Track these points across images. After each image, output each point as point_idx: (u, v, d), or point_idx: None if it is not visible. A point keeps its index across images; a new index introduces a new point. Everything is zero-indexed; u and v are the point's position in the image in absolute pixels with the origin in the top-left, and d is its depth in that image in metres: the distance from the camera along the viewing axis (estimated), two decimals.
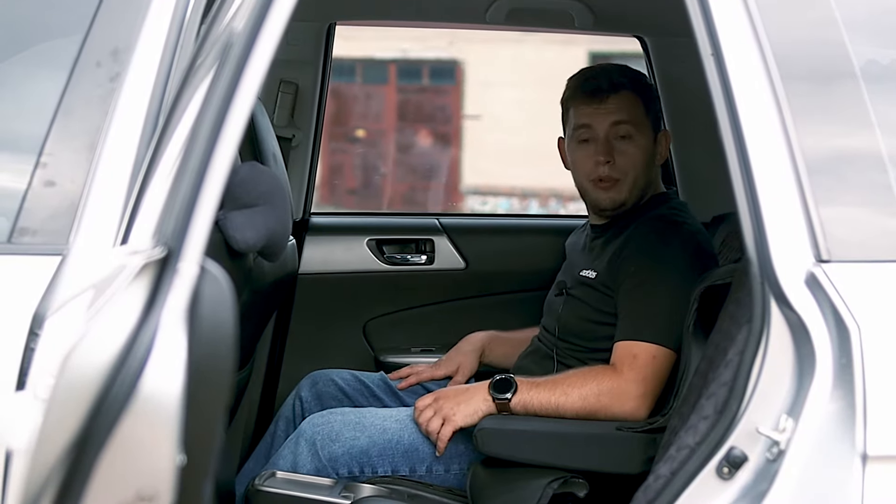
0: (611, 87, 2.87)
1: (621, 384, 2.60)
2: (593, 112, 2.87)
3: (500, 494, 2.50)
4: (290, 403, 3.01)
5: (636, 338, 2.66)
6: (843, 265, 1.88)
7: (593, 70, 2.97)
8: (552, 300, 3.01)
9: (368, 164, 14.51)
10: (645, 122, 2.88)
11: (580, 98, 2.90)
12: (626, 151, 2.85)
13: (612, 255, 2.82)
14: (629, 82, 2.89)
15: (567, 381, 2.63)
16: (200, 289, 1.53)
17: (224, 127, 1.62)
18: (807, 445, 1.79)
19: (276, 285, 3.04)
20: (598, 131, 2.86)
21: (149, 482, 1.48)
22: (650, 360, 2.63)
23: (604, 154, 2.85)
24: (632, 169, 2.86)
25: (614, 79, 2.88)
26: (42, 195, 1.98)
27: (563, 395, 2.60)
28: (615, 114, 2.85)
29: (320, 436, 2.67)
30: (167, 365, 1.48)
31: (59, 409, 1.49)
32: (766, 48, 1.95)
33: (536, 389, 2.61)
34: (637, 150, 2.86)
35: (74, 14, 2.11)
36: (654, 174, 2.94)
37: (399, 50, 14.01)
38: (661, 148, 2.93)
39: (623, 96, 2.86)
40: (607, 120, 2.85)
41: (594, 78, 2.90)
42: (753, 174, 1.88)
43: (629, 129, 2.85)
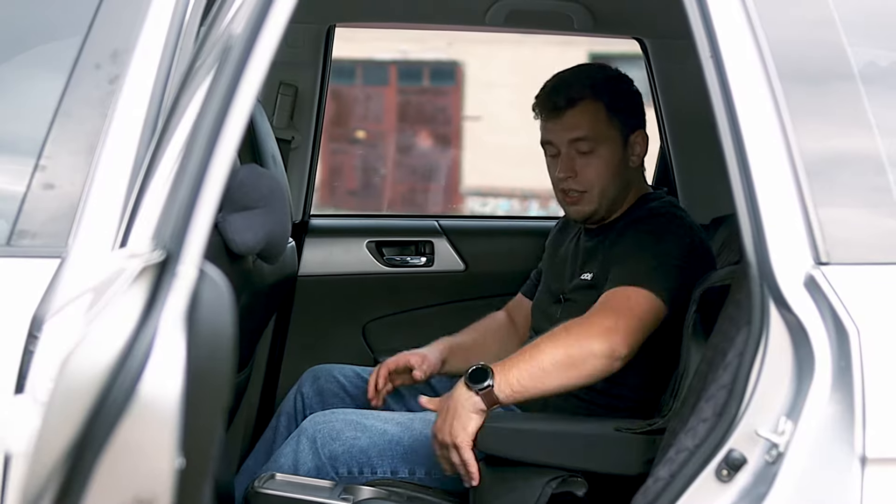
0: (567, 103, 2.82)
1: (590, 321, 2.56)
2: (553, 128, 2.85)
3: (499, 494, 2.49)
4: (292, 399, 3.00)
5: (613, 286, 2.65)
6: (841, 267, 1.87)
7: (553, 83, 2.91)
8: (547, 308, 2.98)
9: (368, 165, 14.51)
10: (608, 132, 2.83)
11: (542, 113, 2.89)
12: (589, 165, 2.83)
13: (607, 255, 2.82)
14: (590, 91, 2.84)
15: (540, 341, 2.57)
16: (199, 292, 1.53)
17: (223, 129, 1.62)
18: (806, 448, 1.78)
19: (275, 287, 3.05)
20: (559, 147, 2.85)
21: (148, 485, 1.48)
22: (624, 298, 2.59)
23: (564, 171, 2.84)
24: (596, 181, 2.83)
25: (572, 92, 2.83)
26: (41, 198, 1.98)
27: (540, 353, 2.52)
28: (572, 130, 2.82)
29: (321, 434, 2.67)
30: (166, 368, 1.48)
31: (58, 413, 1.49)
32: (764, 50, 1.95)
33: (512, 362, 2.53)
34: (600, 162, 2.83)
35: (74, 16, 2.11)
36: (632, 176, 2.90)
37: (399, 51, 14.01)
38: (636, 150, 2.88)
39: (581, 109, 2.82)
40: (565, 137, 2.83)
41: (552, 93, 2.87)
42: (752, 176, 1.88)
43: (589, 144, 2.82)
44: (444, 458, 2.54)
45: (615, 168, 2.84)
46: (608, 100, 2.84)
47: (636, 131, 2.88)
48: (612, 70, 2.96)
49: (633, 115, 2.89)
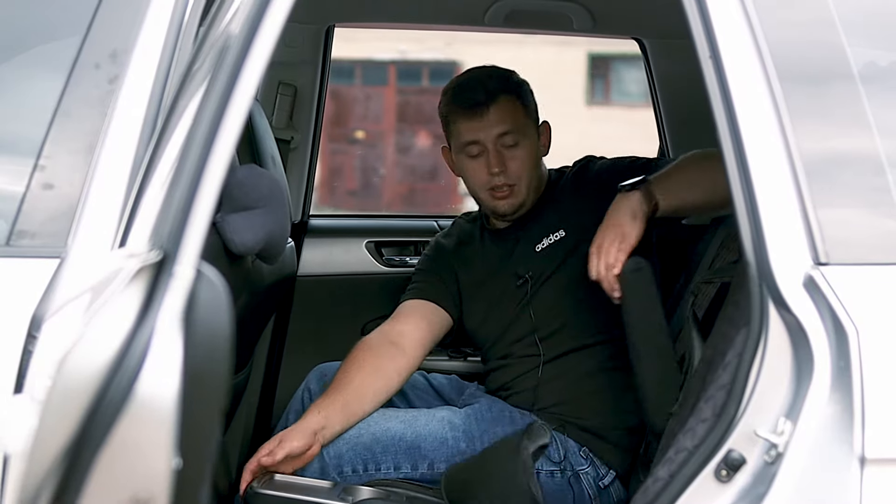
0: (489, 98, 2.90)
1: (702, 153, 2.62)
2: (477, 126, 2.91)
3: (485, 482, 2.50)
4: (300, 396, 3.01)
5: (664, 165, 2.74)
6: (841, 268, 1.87)
7: (467, 80, 2.98)
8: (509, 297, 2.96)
9: (368, 165, 14.51)
10: (526, 123, 2.94)
11: (460, 112, 2.93)
12: (516, 156, 2.91)
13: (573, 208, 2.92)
14: (503, 86, 2.93)
15: (677, 166, 2.64)
16: (196, 292, 1.53)
17: (220, 129, 1.62)
18: (805, 448, 1.78)
19: (274, 287, 3.05)
20: (486, 143, 2.91)
21: (145, 485, 1.48)
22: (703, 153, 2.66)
23: (496, 165, 2.90)
24: (524, 171, 2.92)
25: (489, 87, 2.91)
26: (40, 198, 1.98)
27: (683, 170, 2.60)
28: (498, 125, 2.90)
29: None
30: (163, 368, 1.48)
31: (56, 412, 1.49)
32: (764, 50, 1.95)
33: (660, 174, 2.59)
34: (525, 153, 2.92)
35: (73, 16, 2.11)
36: (543, 166, 3.03)
37: (398, 51, 14.02)
38: (544, 140, 3.01)
39: (501, 104, 2.90)
40: (492, 133, 2.90)
41: (470, 90, 2.93)
42: (751, 177, 1.88)
43: (515, 136, 2.91)
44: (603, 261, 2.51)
45: (535, 158, 2.97)
46: (518, 93, 2.95)
47: (541, 124, 3.01)
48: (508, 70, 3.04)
49: (536, 108, 3.01)
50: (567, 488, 2.76)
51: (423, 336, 2.94)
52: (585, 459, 2.79)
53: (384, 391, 2.80)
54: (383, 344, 2.87)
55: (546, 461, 2.75)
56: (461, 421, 2.77)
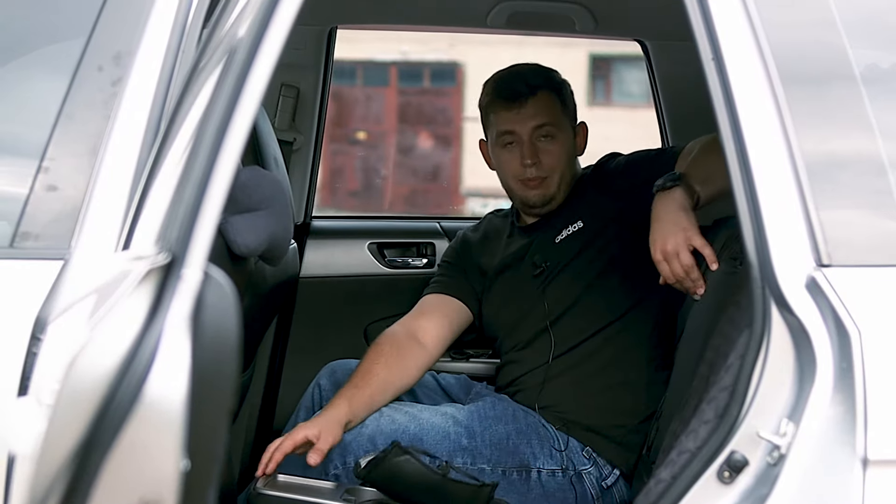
0: (529, 91, 2.96)
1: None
2: (514, 117, 2.96)
3: None
4: (310, 393, 3.02)
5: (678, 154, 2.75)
6: (843, 269, 1.88)
7: (509, 74, 3.05)
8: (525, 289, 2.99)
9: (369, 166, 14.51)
10: (563, 119, 2.99)
11: (500, 103, 2.99)
12: (551, 150, 2.96)
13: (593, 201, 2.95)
14: (545, 82, 2.99)
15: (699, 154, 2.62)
16: (204, 295, 1.53)
17: (228, 133, 1.62)
18: (807, 450, 1.79)
19: (277, 289, 3.05)
20: (522, 135, 2.96)
21: (153, 488, 1.48)
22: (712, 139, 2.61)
23: (530, 157, 2.95)
24: (557, 165, 2.97)
25: (530, 81, 2.97)
26: (44, 200, 1.98)
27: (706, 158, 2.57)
28: (536, 117, 2.95)
29: None
30: (171, 371, 1.48)
31: (64, 415, 1.49)
32: (766, 52, 1.96)
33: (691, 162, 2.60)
34: (560, 148, 2.97)
35: (76, 18, 2.11)
36: (578, 165, 3.07)
37: (400, 52, 14.01)
38: (580, 140, 3.05)
39: (541, 97, 2.96)
40: (529, 124, 2.95)
41: (511, 82, 2.99)
42: (754, 178, 1.89)
43: (551, 129, 2.96)
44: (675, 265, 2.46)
45: (570, 155, 3.01)
46: (558, 92, 3.01)
47: (578, 123, 3.05)
48: (550, 68, 3.10)
49: (575, 108, 3.07)
50: (569, 488, 2.77)
51: (443, 333, 3.00)
52: (588, 459, 2.79)
53: (405, 386, 2.88)
54: (407, 338, 2.93)
55: (548, 460, 2.76)
56: (464, 417, 2.78)
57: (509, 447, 2.73)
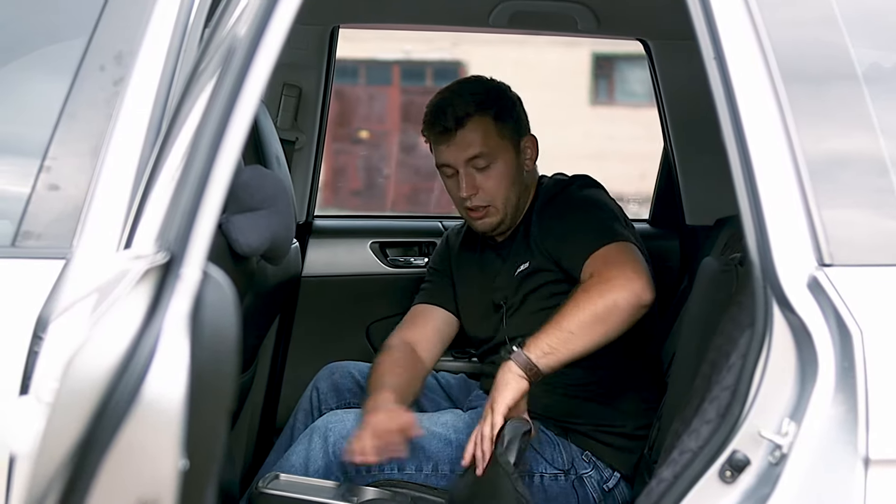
0: (456, 124, 2.88)
1: (606, 278, 2.60)
2: (447, 150, 2.92)
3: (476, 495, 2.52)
4: (308, 395, 3.03)
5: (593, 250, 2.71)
6: (845, 269, 1.88)
7: (440, 103, 2.95)
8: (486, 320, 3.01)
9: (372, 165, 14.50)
10: (500, 142, 2.91)
11: (433, 136, 2.95)
12: (488, 179, 2.91)
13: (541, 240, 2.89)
14: (476, 108, 2.89)
15: (564, 307, 2.59)
16: (203, 294, 1.53)
17: (227, 132, 1.62)
18: (809, 449, 1.79)
19: (279, 288, 3.05)
20: (457, 167, 2.91)
21: (151, 487, 1.48)
22: (614, 253, 2.68)
23: (467, 189, 2.91)
24: (498, 192, 2.91)
25: (459, 111, 2.89)
26: (46, 199, 1.99)
27: (564, 319, 2.55)
28: (467, 149, 2.89)
29: (333, 432, 2.70)
30: (170, 370, 1.49)
31: (63, 414, 1.49)
32: (768, 52, 1.96)
33: (542, 331, 2.57)
34: (498, 173, 2.91)
35: (78, 18, 2.11)
36: (528, 179, 2.99)
37: (402, 51, 14.00)
38: (528, 154, 2.97)
39: (471, 127, 2.89)
40: (461, 157, 2.90)
41: (440, 116, 2.91)
42: (756, 178, 1.89)
43: (485, 159, 2.89)
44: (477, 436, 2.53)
45: (513, 177, 2.93)
46: (495, 111, 2.91)
47: (524, 137, 2.97)
48: (491, 81, 3.02)
49: (519, 122, 2.97)
50: (571, 492, 2.77)
51: (433, 346, 3.06)
52: (588, 463, 2.79)
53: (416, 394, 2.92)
54: (409, 351, 2.99)
55: (549, 466, 2.76)
56: (465, 425, 2.78)
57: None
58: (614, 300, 2.56)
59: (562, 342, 2.54)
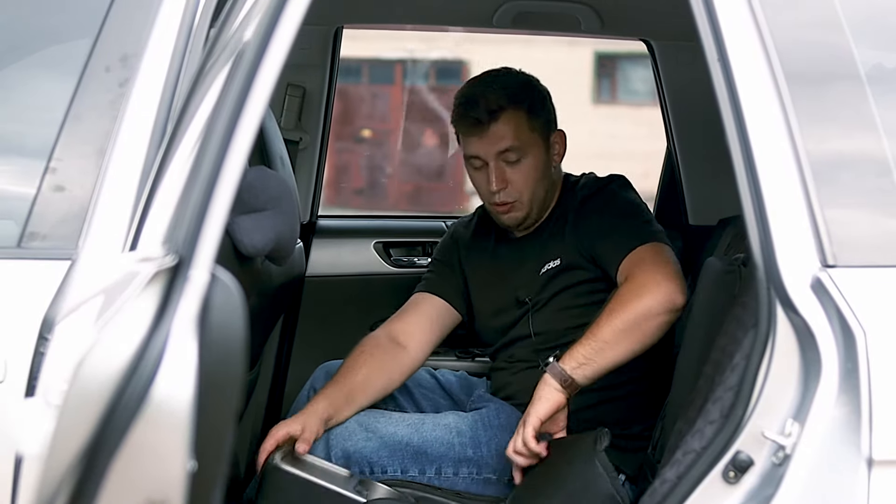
0: (490, 116, 2.86)
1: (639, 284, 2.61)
2: (478, 143, 2.89)
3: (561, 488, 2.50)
4: (305, 395, 3.03)
5: (631, 249, 2.72)
6: (848, 270, 1.88)
7: (472, 95, 2.92)
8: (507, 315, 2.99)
9: (374, 164, 14.50)
10: (531, 137, 2.90)
11: (464, 127, 2.92)
12: (518, 173, 2.89)
13: (573, 237, 2.88)
14: (509, 100, 2.88)
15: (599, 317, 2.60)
16: (211, 296, 1.53)
17: (236, 133, 1.62)
18: (812, 450, 1.79)
19: (283, 288, 3.05)
20: (487, 160, 2.89)
21: (160, 488, 1.49)
22: (650, 254, 2.69)
23: (496, 182, 2.88)
24: (526, 187, 2.90)
25: (492, 104, 2.86)
26: (51, 200, 1.99)
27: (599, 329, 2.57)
28: (499, 142, 2.87)
29: (334, 434, 2.70)
30: (178, 372, 1.49)
31: (72, 416, 1.50)
32: (771, 53, 1.96)
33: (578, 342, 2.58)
34: (528, 168, 2.89)
35: (83, 19, 2.12)
36: (556, 173, 2.99)
37: (405, 50, 13.99)
38: (556, 149, 2.97)
39: (504, 120, 2.87)
40: (493, 149, 2.88)
41: (472, 107, 2.89)
42: (759, 179, 1.89)
43: (516, 153, 2.88)
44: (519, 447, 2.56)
45: (541, 172, 2.92)
46: (528, 105, 2.90)
47: (553, 132, 2.96)
48: (523, 75, 3.00)
49: (549, 117, 2.97)
50: None
51: (427, 338, 3.00)
52: None
53: (386, 388, 2.89)
54: (388, 341, 2.94)
55: None
56: (468, 427, 2.77)
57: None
58: (648, 307, 2.57)
59: (596, 352, 2.55)
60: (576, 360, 2.55)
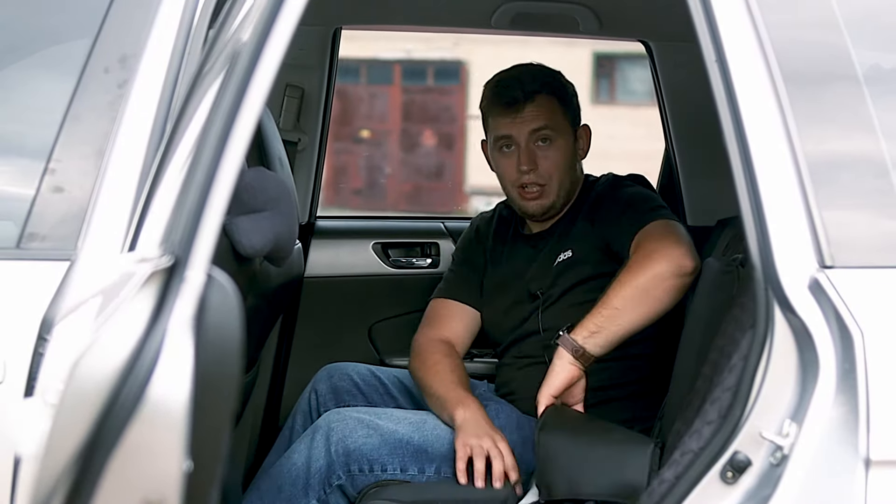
0: (526, 96, 2.92)
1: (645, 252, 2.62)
2: (511, 123, 2.93)
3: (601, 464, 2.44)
4: (307, 397, 3.04)
5: (641, 226, 2.73)
6: (846, 271, 1.88)
7: (507, 78, 3.00)
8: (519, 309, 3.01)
9: (373, 164, 14.51)
10: (563, 123, 2.96)
11: (497, 108, 2.96)
12: (548, 156, 2.93)
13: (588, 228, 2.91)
14: (543, 86, 2.95)
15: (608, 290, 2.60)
16: (207, 297, 1.54)
17: (231, 135, 1.62)
18: (810, 450, 1.79)
19: (281, 289, 3.05)
20: (519, 140, 2.93)
21: (156, 488, 1.49)
22: (659, 228, 2.70)
23: (526, 163, 2.92)
24: (556, 172, 2.94)
25: (528, 86, 2.93)
26: (50, 201, 1.99)
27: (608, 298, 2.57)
28: (532, 122, 2.92)
29: (335, 431, 2.70)
30: (174, 372, 1.49)
31: (68, 415, 1.50)
32: (769, 54, 1.96)
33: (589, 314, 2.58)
34: (558, 153, 2.94)
35: (82, 20, 2.12)
36: (579, 169, 3.03)
37: (403, 50, 14.01)
38: (582, 143, 3.01)
39: (539, 102, 2.93)
40: (526, 129, 2.92)
41: (508, 87, 2.95)
42: (757, 179, 1.89)
43: (548, 133, 2.93)
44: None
45: (569, 160, 2.97)
46: (559, 94, 2.97)
47: (581, 126, 3.02)
48: (552, 70, 3.07)
49: (577, 111, 3.03)
50: None
51: (464, 342, 3.09)
52: None
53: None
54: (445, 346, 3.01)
55: None
56: None
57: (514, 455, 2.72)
58: (656, 271, 2.57)
59: (608, 319, 2.55)
60: (587, 330, 2.55)
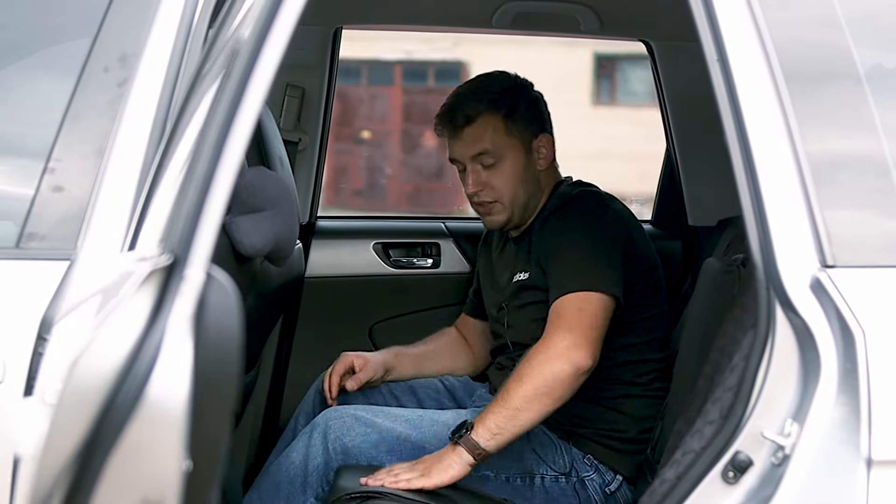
0: (465, 121, 2.91)
1: (549, 347, 2.62)
2: (455, 146, 2.95)
3: None
4: (310, 398, 3.04)
5: (561, 294, 2.71)
6: (847, 270, 1.88)
7: (454, 100, 2.98)
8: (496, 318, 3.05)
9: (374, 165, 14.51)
10: (509, 141, 2.91)
11: (442, 130, 2.98)
12: (494, 176, 2.92)
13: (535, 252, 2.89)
14: (486, 105, 2.91)
15: (507, 383, 2.62)
16: (207, 296, 1.53)
17: (231, 134, 1.62)
18: (812, 450, 1.79)
19: (282, 289, 3.05)
20: (464, 162, 2.94)
21: (155, 487, 1.49)
22: (575, 310, 2.67)
23: (472, 185, 2.93)
24: (506, 189, 2.92)
25: (469, 110, 2.91)
26: (50, 200, 1.99)
27: (509, 396, 2.58)
28: (472, 146, 2.91)
29: (333, 429, 2.71)
30: (173, 371, 1.49)
31: (67, 415, 1.50)
32: (770, 53, 1.96)
33: (487, 410, 2.60)
34: (507, 172, 2.91)
35: (82, 19, 2.12)
36: (543, 177, 2.97)
37: (404, 51, 14.01)
38: (541, 153, 2.95)
39: (479, 124, 2.90)
40: (468, 153, 2.92)
41: (450, 112, 2.95)
42: (758, 179, 1.89)
43: (491, 157, 2.90)
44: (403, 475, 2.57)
45: (520, 175, 2.93)
46: (506, 110, 2.92)
47: (539, 136, 2.96)
48: (510, 79, 3.02)
49: (535, 121, 2.97)
50: (573, 494, 2.77)
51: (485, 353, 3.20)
52: (590, 466, 2.79)
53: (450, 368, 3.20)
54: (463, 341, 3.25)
55: (550, 468, 2.76)
56: None
57: (513, 454, 2.72)
58: (554, 374, 2.58)
59: (508, 419, 2.57)
60: (489, 432, 2.57)
